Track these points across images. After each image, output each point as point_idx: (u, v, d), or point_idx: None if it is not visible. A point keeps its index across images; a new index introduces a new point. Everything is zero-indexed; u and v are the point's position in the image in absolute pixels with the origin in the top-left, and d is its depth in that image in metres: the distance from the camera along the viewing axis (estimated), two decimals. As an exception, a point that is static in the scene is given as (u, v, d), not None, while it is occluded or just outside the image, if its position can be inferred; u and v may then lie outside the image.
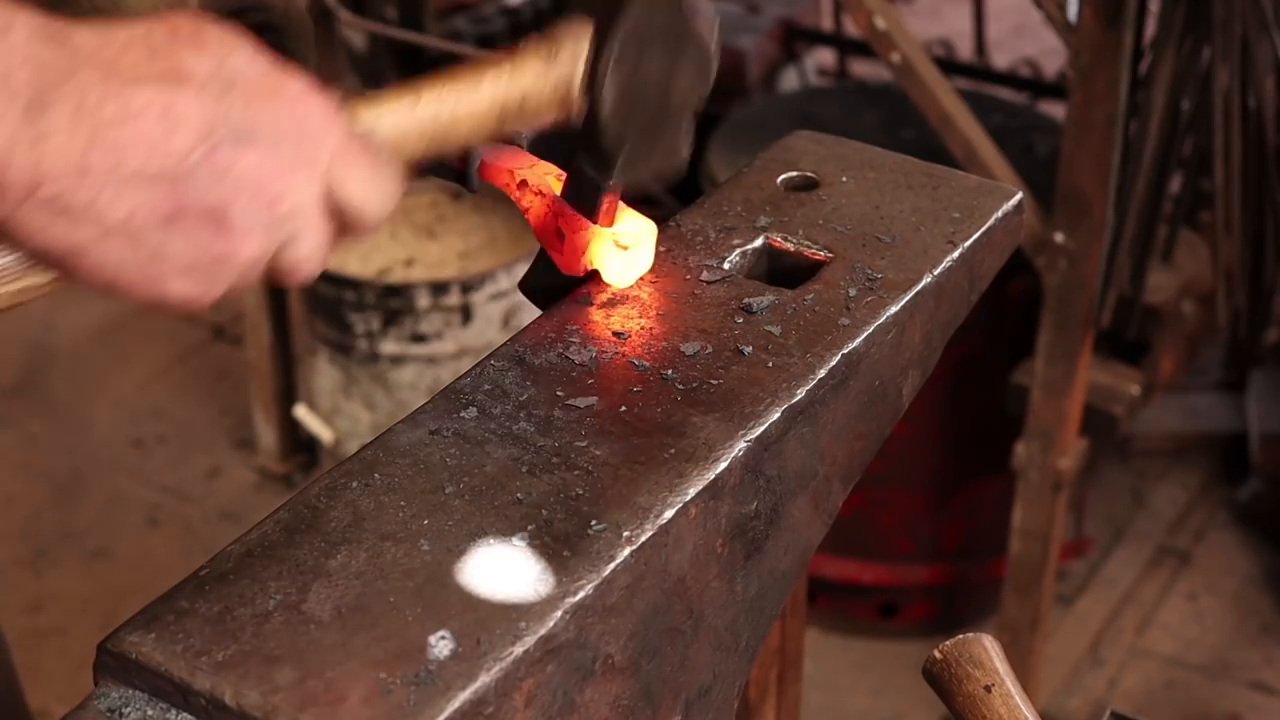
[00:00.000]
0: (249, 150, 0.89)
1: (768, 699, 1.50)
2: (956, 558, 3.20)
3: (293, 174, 0.91)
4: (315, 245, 0.95)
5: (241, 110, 0.89)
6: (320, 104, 0.93)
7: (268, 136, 0.90)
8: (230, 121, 0.88)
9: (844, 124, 3.08)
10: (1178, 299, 2.82)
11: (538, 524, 1.01)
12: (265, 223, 0.91)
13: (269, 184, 0.90)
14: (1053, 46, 3.84)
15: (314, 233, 0.95)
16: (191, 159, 0.87)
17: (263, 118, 0.90)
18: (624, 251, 1.20)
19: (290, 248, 0.94)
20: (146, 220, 0.87)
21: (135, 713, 0.94)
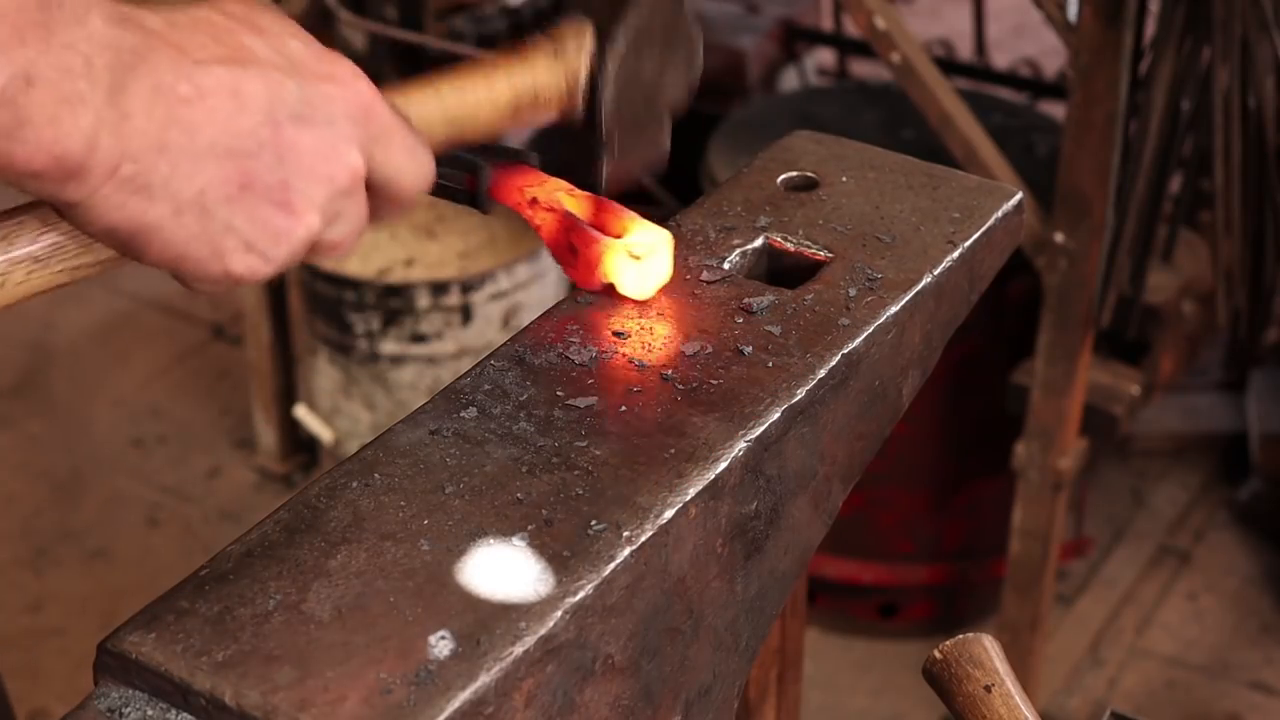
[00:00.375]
0: (308, 129, 0.94)
1: (768, 699, 1.50)
2: (956, 558, 3.20)
3: (348, 151, 0.96)
4: (358, 222, 0.99)
5: (300, 90, 0.93)
6: (368, 86, 0.98)
7: (324, 116, 0.95)
8: (290, 101, 0.93)
9: (844, 124, 3.08)
10: (1178, 299, 2.82)
11: (538, 524, 1.01)
12: (323, 199, 0.95)
13: (326, 162, 0.95)
14: (1053, 46, 3.84)
15: (359, 210, 0.99)
16: (258, 137, 0.92)
17: (319, 98, 0.94)
18: (638, 262, 1.19)
19: (337, 224, 0.98)
20: (217, 196, 0.91)
21: (135, 713, 0.94)
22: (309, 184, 0.94)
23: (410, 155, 1.01)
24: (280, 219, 0.94)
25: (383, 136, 0.99)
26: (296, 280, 3.31)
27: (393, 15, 3.38)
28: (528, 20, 3.55)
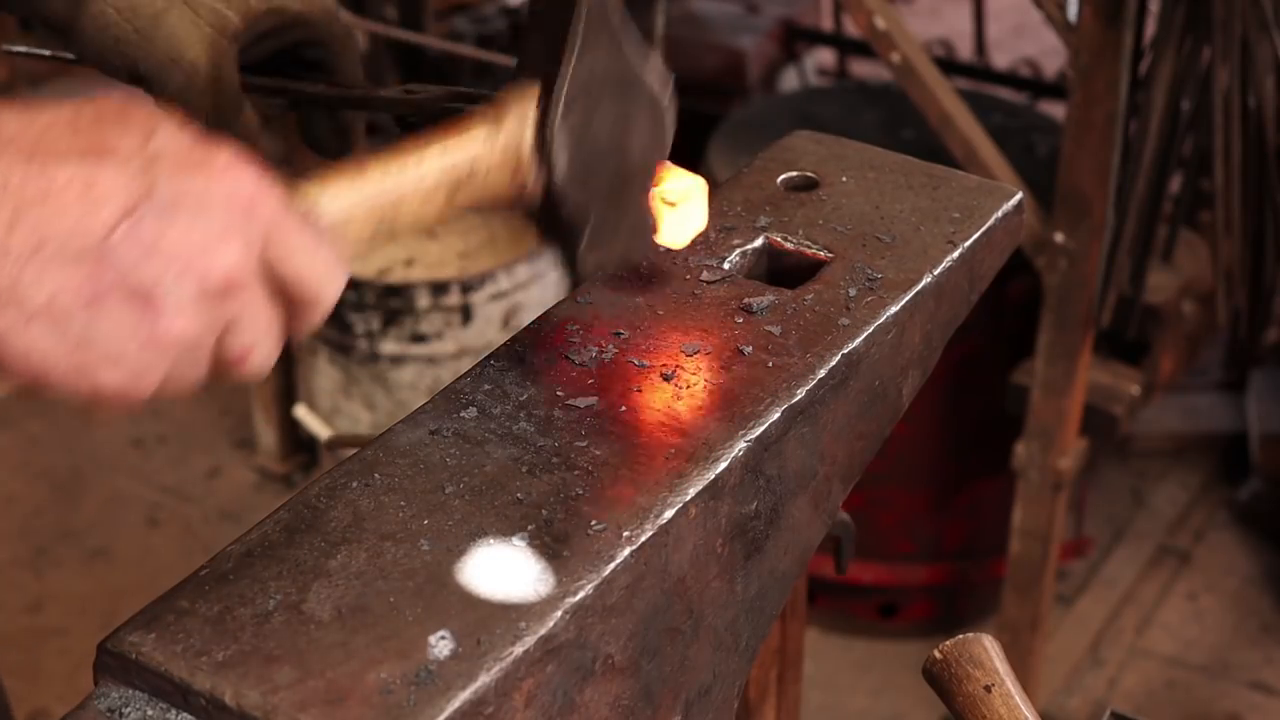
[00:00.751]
0: (174, 223, 0.85)
1: (768, 699, 1.50)
2: (956, 558, 3.20)
3: (222, 245, 0.87)
4: (262, 329, 0.91)
5: (166, 183, 0.85)
6: (252, 175, 0.89)
7: (193, 208, 0.86)
8: (155, 195, 0.85)
9: (844, 124, 3.08)
10: (1178, 299, 2.82)
11: (538, 524, 1.01)
12: (195, 298, 0.86)
13: (197, 257, 0.86)
14: (1053, 46, 3.84)
15: (258, 315, 0.90)
16: (115, 235, 0.84)
17: (189, 189, 0.86)
18: (673, 209, 1.18)
19: (235, 332, 0.90)
20: (71, 302, 0.83)
21: (135, 713, 0.94)
22: (175, 283, 0.85)
23: (313, 252, 0.92)
24: (147, 323, 0.85)
25: (275, 232, 0.89)
26: (296, 280, 3.31)
27: (393, 15, 3.39)
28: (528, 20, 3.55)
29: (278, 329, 0.92)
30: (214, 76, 1.28)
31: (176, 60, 1.28)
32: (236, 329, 0.89)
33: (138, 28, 1.28)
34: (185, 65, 1.28)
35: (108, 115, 0.87)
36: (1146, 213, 2.58)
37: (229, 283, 0.87)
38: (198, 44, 1.28)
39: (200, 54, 1.28)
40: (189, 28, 1.28)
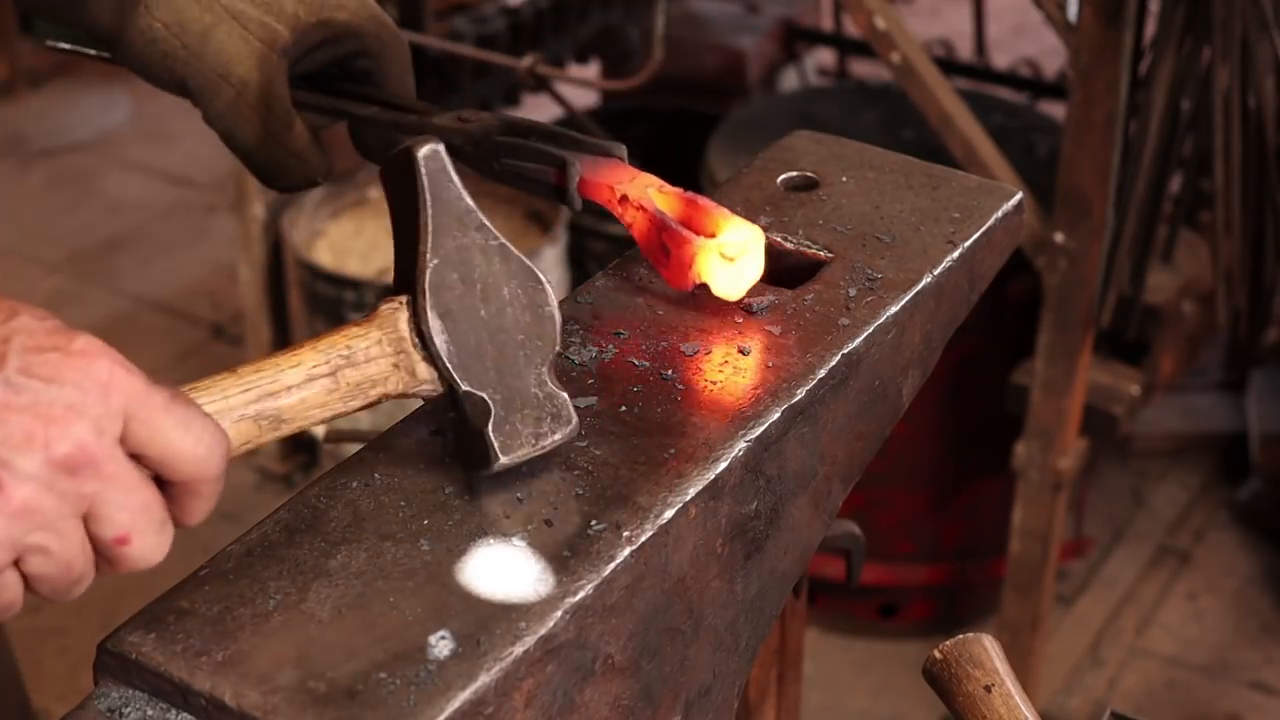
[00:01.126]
0: (21, 395, 0.85)
1: (768, 699, 1.50)
2: (956, 558, 3.20)
3: (71, 418, 0.86)
4: (134, 512, 0.89)
5: (17, 358, 0.86)
6: (109, 358, 0.88)
7: (43, 382, 0.86)
8: (5, 368, 0.85)
9: (844, 124, 3.08)
10: (1178, 299, 2.82)
11: (538, 524, 1.01)
12: (40, 471, 0.85)
13: (42, 429, 0.85)
14: (1053, 46, 3.84)
15: (126, 497, 0.88)
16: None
17: (40, 365, 0.86)
18: (731, 263, 1.18)
19: (101, 515, 0.88)
20: None
21: (135, 713, 0.94)
22: (18, 453, 0.84)
23: (184, 431, 0.89)
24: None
25: (139, 412, 0.88)
26: (297, 280, 3.31)
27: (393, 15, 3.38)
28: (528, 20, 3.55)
29: (157, 513, 0.90)
30: (264, 93, 1.28)
31: (225, 76, 1.27)
32: (104, 510, 0.88)
33: (186, 44, 1.26)
34: (235, 81, 1.27)
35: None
36: (1146, 213, 2.58)
37: (79, 456, 0.86)
38: (248, 59, 1.27)
39: (250, 69, 1.27)
40: (238, 43, 1.26)
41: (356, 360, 1.00)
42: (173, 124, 4.95)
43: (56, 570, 0.88)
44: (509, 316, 1.04)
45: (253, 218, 3.36)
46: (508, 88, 3.58)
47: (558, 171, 1.20)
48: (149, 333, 4.10)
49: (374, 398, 1.01)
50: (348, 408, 1.00)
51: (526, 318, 1.04)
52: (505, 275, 1.04)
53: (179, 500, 0.92)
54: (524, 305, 1.04)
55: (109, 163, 4.91)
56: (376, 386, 1.01)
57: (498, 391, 1.02)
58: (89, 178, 4.84)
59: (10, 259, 4.43)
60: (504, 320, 1.04)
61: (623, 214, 1.20)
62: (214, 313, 4.17)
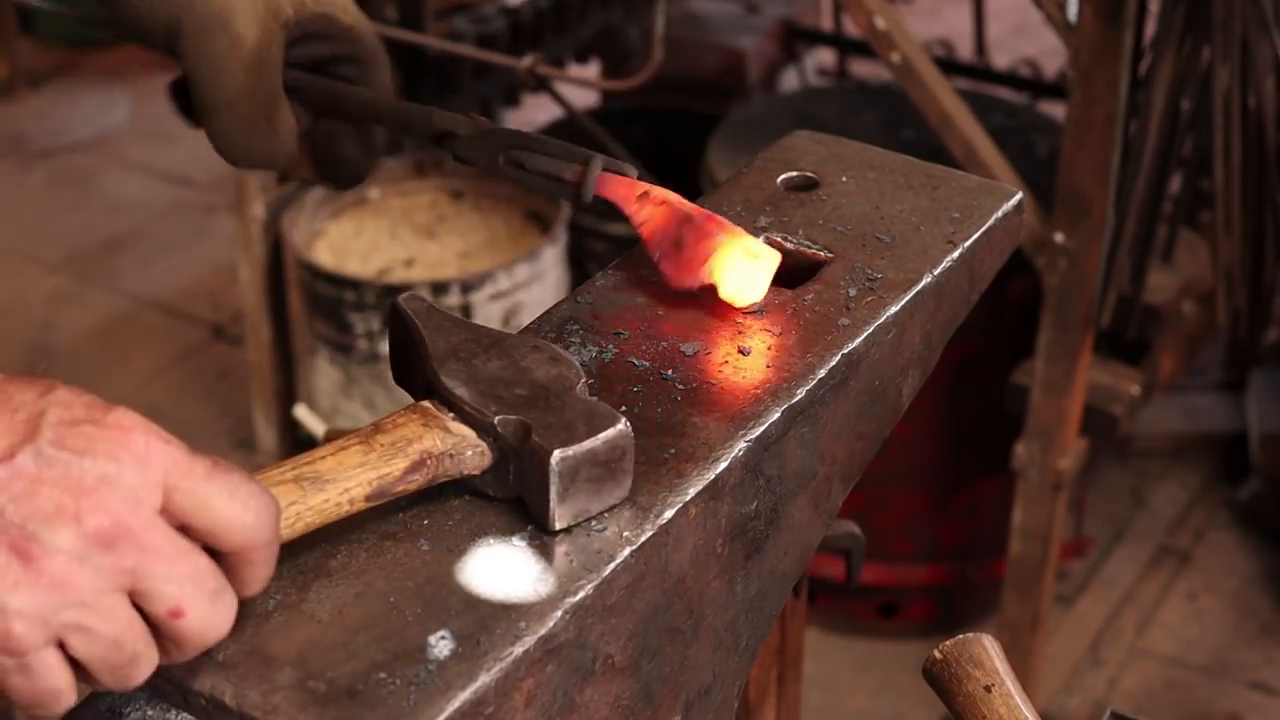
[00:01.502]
0: (54, 467, 0.84)
1: (768, 699, 1.50)
2: (956, 558, 3.20)
3: (106, 491, 0.84)
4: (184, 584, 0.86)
5: (52, 430, 0.84)
6: (147, 429, 0.87)
7: (77, 454, 0.84)
8: (38, 440, 0.84)
9: (844, 124, 3.08)
10: (1178, 299, 2.82)
11: (538, 524, 1.01)
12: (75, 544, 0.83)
13: (75, 501, 0.83)
14: (1053, 46, 3.84)
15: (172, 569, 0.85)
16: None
17: (76, 437, 0.85)
18: (751, 263, 1.18)
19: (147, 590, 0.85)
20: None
21: (135, 713, 0.94)
22: (48, 527, 0.82)
23: (230, 497, 0.87)
24: (15, 565, 0.82)
25: (182, 483, 0.86)
26: (296, 280, 3.31)
27: (393, 15, 3.38)
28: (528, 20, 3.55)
29: (210, 582, 0.87)
30: (259, 52, 1.24)
31: (224, 26, 1.23)
32: (149, 584, 0.85)
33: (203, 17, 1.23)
34: (231, 33, 1.23)
35: (14, 377, 0.87)
36: (1146, 213, 2.58)
37: (113, 529, 0.84)
38: (249, 15, 1.23)
39: (250, 26, 1.23)
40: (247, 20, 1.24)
41: (385, 427, 1.01)
42: (173, 124, 4.93)
43: (104, 650, 0.85)
44: (527, 368, 1.05)
45: (253, 218, 3.36)
46: (508, 88, 3.58)
47: (578, 168, 1.20)
48: (149, 333, 4.10)
49: (415, 455, 1.00)
50: (391, 467, 0.99)
51: (545, 367, 1.06)
52: (514, 348, 1.07)
53: (234, 572, 0.89)
54: (539, 360, 1.06)
55: (109, 163, 4.91)
56: (413, 444, 1.00)
57: (533, 413, 1.02)
58: (89, 178, 4.84)
59: (10, 259, 4.43)
60: (522, 370, 1.05)
61: (638, 210, 1.20)
62: (214, 313, 4.18)
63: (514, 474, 1.02)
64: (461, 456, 1.01)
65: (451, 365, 1.05)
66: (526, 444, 1.00)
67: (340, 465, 0.98)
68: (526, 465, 1.00)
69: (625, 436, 1.01)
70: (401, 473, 0.99)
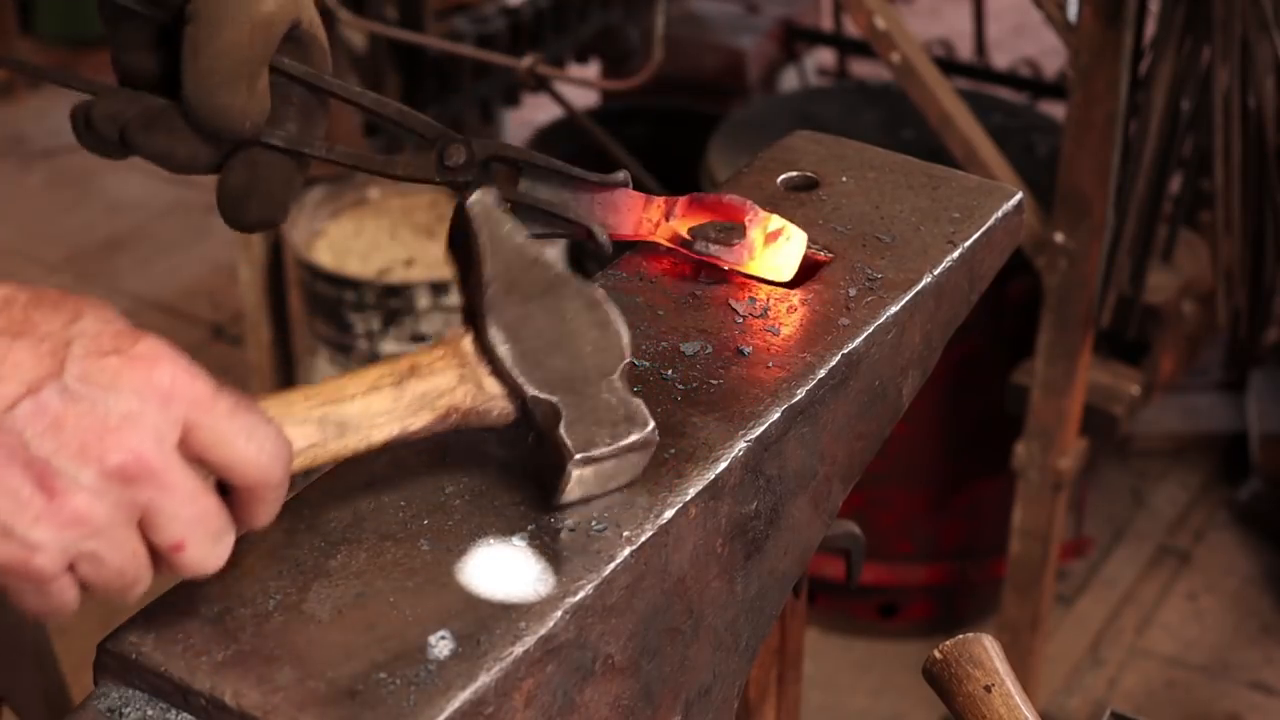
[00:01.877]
0: (78, 403, 0.85)
1: (768, 699, 1.50)
2: (956, 558, 3.20)
3: (128, 428, 0.85)
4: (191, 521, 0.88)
5: (77, 364, 0.86)
6: (173, 364, 0.88)
7: (102, 389, 0.86)
8: (64, 375, 0.85)
9: (844, 124, 3.08)
10: (1178, 299, 2.82)
11: (538, 524, 1.01)
12: (95, 479, 0.85)
13: (98, 438, 0.85)
14: (1053, 46, 3.84)
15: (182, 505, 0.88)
16: (16, 410, 0.84)
17: (100, 371, 0.86)
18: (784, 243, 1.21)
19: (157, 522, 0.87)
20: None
21: (135, 713, 0.94)
22: (73, 463, 0.84)
23: (247, 437, 0.89)
24: (39, 500, 0.84)
25: (203, 420, 0.88)
26: (296, 280, 3.31)
27: (393, 15, 3.38)
28: (528, 20, 3.55)
29: (214, 523, 0.89)
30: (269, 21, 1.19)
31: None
32: (158, 519, 0.87)
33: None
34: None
35: (43, 299, 0.88)
36: (1146, 213, 2.58)
37: (134, 467, 0.86)
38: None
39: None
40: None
41: (422, 372, 1.00)
42: (173, 124, 4.94)
43: (110, 575, 0.87)
44: (574, 331, 1.04)
45: (253, 218, 3.36)
46: (508, 88, 3.58)
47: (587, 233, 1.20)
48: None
49: (441, 409, 1.00)
50: (416, 420, 0.99)
51: (593, 332, 1.04)
52: (566, 297, 1.05)
53: (242, 506, 0.91)
54: (588, 322, 1.04)
55: (109, 163, 4.88)
56: (443, 397, 1.00)
57: (567, 396, 1.02)
58: (89, 178, 4.84)
59: (10, 259, 4.43)
60: (569, 335, 1.04)
61: (653, 231, 1.21)
62: (214, 313, 4.17)
63: (532, 441, 1.03)
64: (487, 414, 1.02)
65: (501, 308, 1.02)
66: (554, 431, 1.00)
67: (366, 411, 0.98)
68: (547, 447, 1.01)
69: (650, 442, 1.03)
70: (424, 425, 1.00)
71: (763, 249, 1.21)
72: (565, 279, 1.05)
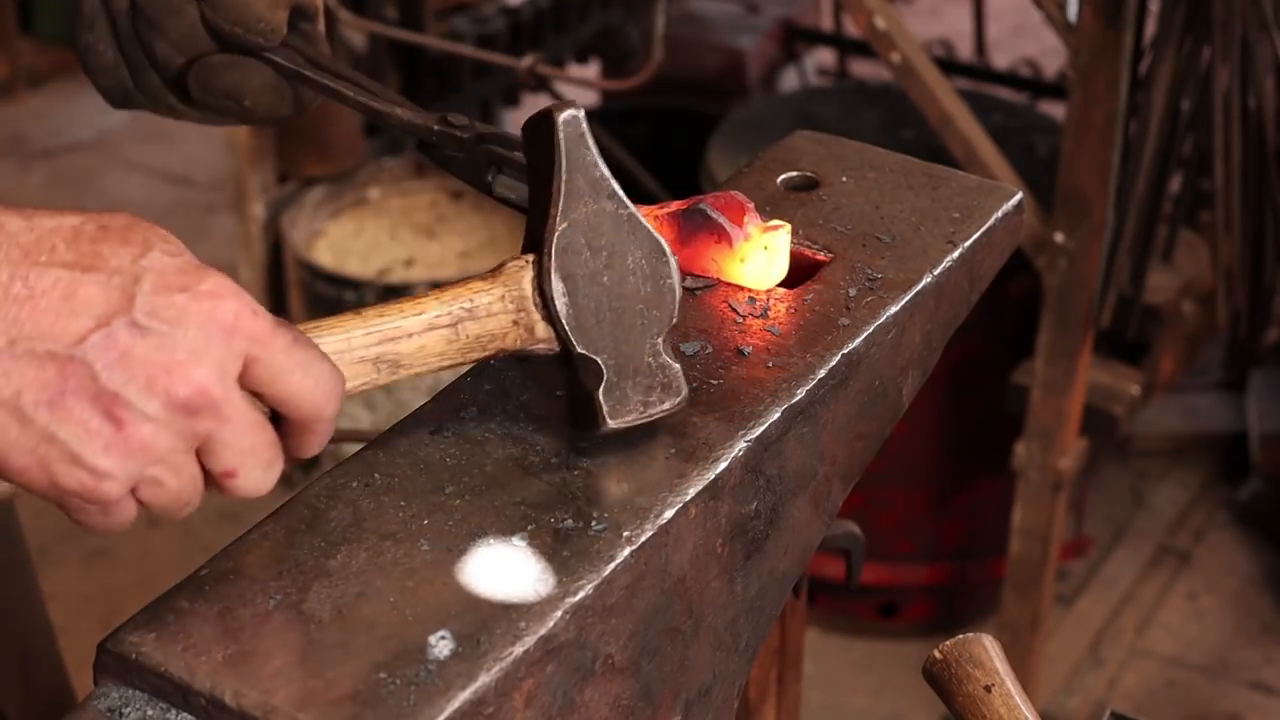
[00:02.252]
0: (147, 336, 0.88)
1: (768, 699, 1.50)
2: (956, 558, 3.20)
3: (194, 362, 0.89)
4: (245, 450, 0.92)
5: (146, 298, 0.88)
6: (236, 298, 0.91)
7: (169, 324, 0.88)
8: (133, 309, 0.88)
9: (844, 124, 3.08)
10: (1178, 299, 2.82)
11: (538, 524, 1.01)
12: (161, 411, 0.88)
13: (165, 371, 0.88)
14: (1053, 46, 3.84)
15: (238, 436, 0.91)
16: (87, 342, 0.87)
17: (167, 309, 0.89)
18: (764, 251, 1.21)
19: (214, 451, 0.91)
20: (36, 399, 0.87)
21: (135, 713, 0.94)
22: (140, 395, 0.88)
23: (304, 373, 0.93)
24: (107, 430, 0.88)
25: (261, 354, 0.91)
26: (296, 280, 3.31)
27: (393, 15, 3.39)
28: (528, 20, 3.55)
29: (266, 453, 0.93)
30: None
31: None
32: (215, 447, 0.91)
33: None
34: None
35: (110, 232, 0.90)
36: (1146, 213, 2.58)
37: (198, 399, 0.89)
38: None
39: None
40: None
41: (478, 314, 1.03)
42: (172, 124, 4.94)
43: (169, 498, 0.92)
44: (630, 285, 1.05)
45: (253, 217, 3.36)
46: (508, 88, 3.59)
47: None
48: (149, 333, 4.09)
49: (491, 351, 1.03)
50: (465, 359, 1.02)
51: (647, 288, 1.06)
52: (631, 245, 1.06)
53: (293, 436, 0.95)
54: (646, 276, 1.06)
55: (109, 163, 4.91)
56: (495, 341, 1.03)
57: (612, 357, 1.04)
58: (89, 178, 4.84)
59: (10, 259, 4.42)
60: (625, 288, 1.05)
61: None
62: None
63: (567, 384, 1.06)
64: (531, 353, 1.05)
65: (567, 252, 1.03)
66: (594, 391, 1.04)
67: (421, 352, 1.01)
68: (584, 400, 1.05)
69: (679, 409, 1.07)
70: (473, 363, 1.03)
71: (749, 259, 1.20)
72: (635, 222, 1.06)
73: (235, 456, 0.92)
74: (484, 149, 1.20)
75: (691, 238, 1.21)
